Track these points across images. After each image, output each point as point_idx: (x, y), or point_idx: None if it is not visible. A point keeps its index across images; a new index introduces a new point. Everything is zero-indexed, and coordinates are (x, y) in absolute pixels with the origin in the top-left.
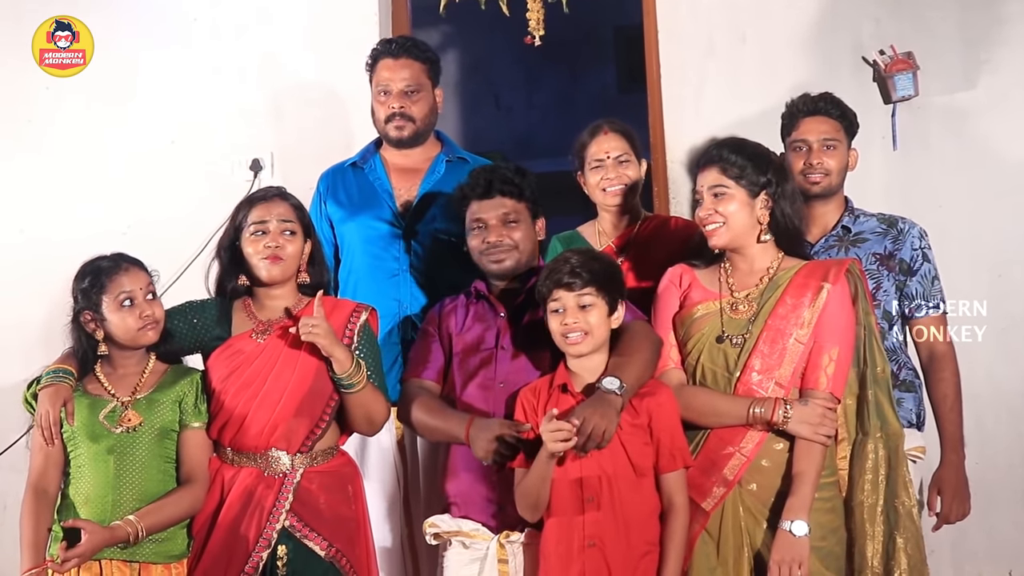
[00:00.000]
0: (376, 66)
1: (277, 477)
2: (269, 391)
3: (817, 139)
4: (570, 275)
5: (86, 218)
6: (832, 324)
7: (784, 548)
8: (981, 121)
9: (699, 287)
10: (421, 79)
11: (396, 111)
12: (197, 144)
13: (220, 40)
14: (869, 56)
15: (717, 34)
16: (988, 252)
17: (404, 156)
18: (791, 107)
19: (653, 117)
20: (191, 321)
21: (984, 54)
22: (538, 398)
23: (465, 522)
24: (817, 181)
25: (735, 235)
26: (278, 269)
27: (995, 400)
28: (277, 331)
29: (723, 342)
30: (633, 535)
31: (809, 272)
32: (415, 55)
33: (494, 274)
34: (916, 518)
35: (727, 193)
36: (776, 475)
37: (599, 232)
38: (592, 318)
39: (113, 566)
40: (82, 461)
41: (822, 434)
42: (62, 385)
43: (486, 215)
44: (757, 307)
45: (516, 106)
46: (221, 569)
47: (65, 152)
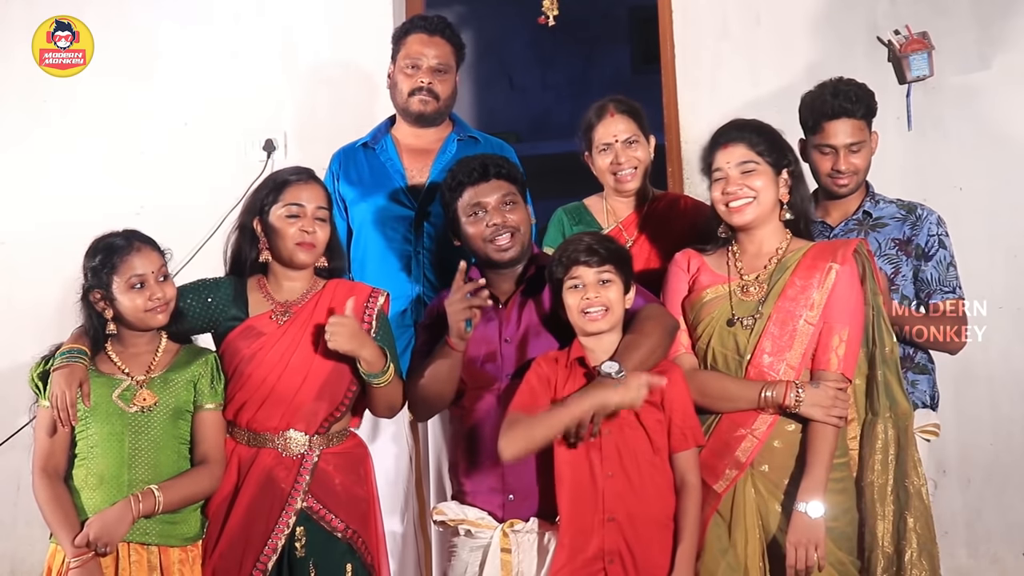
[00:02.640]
0: (406, 39)
1: (295, 458)
2: (291, 373)
3: (844, 143)
4: (587, 252)
5: (99, 199)
6: (841, 305)
7: (800, 530)
8: (996, 101)
9: (708, 271)
10: (450, 60)
11: (424, 85)
12: (211, 124)
13: (237, 21)
14: (884, 36)
15: (732, 15)
16: (1004, 232)
17: (416, 136)
18: (813, 106)
19: (668, 98)
20: (205, 300)
21: (999, 33)
22: (554, 369)
23: (471, 510)
24: (845, 183)
25: (762, 211)
26: (311, 256)
27: (1010, 381)
28: (298, 313)
29: (733, 325)
30: (651, 510)
31: (817, 253)
32: (448, 36)
33: (498, 263)
34: (926, 497)
35: (757, 169)
36: (789, 456)
37: (607, 210)
38: (611, 294)
39: (130, 548)
40: (94, 441)
41: (835, 416)
42: (77, 365)
43: (486, 198)
44: (767, 289)
45: (530, 86)
46: (239, 551)
47: (78, 133)
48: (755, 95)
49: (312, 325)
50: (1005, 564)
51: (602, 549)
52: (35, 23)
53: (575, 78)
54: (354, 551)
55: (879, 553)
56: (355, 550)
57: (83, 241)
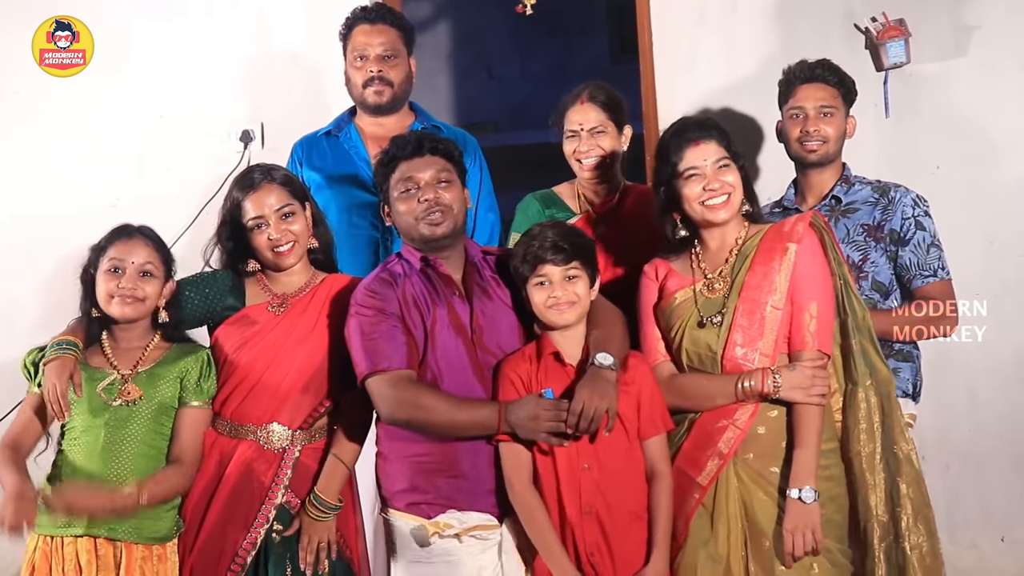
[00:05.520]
0: (352, 32)
1: (276, 452)
2: (280, 364)
3: (814, 106)
4: (554, 250)
5: (75, 191)
6: (806, 281)
7: (795, 516)
8: (973, 88)
9: (675, 275)
10: (397, 45)
11: (375, 75)
12: (187, 116)
13: (211, 12)
14: (861, 24)
15: (709, 3)
16: (980, 219)
17: (379, 125)
18: (788, 74)
19: (646, 86)
20: (203, 291)
21: (975, 20)
22: (528, 369)
23: (470, 515)
24: (814, 149)
25: (736, 206)
26: (292, 257)
27: (988, 367)
28: (294, 304)
29: (704, 326)
30: (626, 501)
31: (773, 236)
32: (391, 21)
33: (427, 240)
34: (916, 462)
35: (730, 164)
36: (773, 441)
37: (579, 196)
38: (578, 288)
39: (97, 543)
40: (76, 433)
41: (816, 396)
42: (67, 357)
43: (419, 174)
44: (730, 282)
45: (509, 76)
46: (218, 545)
47: (54, 126)
48: (732, 83)
49: (307, 318)
50: (983, 549)
51: (583, 542)
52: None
53: (554, 68)
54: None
55: (874, 523)
56: (336, 545)
57: (58, 233)
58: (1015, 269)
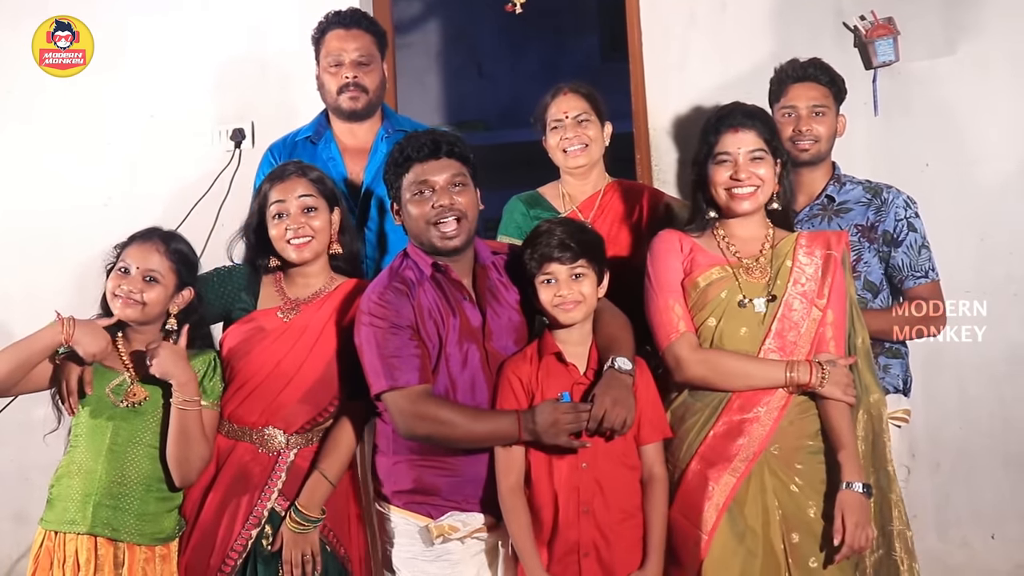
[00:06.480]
0: (325, 37)
1: (271, 455)
2: (279, 372)
3: (806, 106)
4: (560, 248)
5: (67, 189)
6: (833, 294)
7: (855, 509)
8: (962, 86)
9: (702, 252)
10: (372, 50)
11: (350, 81)
12: (178, 114)
13: (205, 10)
14: (850, 22)
15: (698, 2)
16: (972, 217)
17: (351, 134)
18: (780, 73)
19: (635, 85)
20: (218, 289)
21: (964, 19)
22: (528, 370)
23: (479, 516)
24: (806, 148)
25: (763, 200)
26: (307, 251)
27: (978, 365)
28: (303, 311)
29: (745, 306)
30: (622, 501)
31: (812, 240)
32: (366, 27)
33: (439, 251)
34: (897, 484)
35: (765, 157)
36: (796, 436)
37: (564, 195)
38: (585, 288)
39: (98, 543)
40: (81, 431)
41: (851, 394)
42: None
43: (433, 177)
44: (772, 273)
45: (499, 75)
46: (209, 545)
47: (46, 124)
48: (722, 82)
49: (314, 326)
50: (974, 547)
51: (578, 542)
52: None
53: (544, 66)
54: (325, 546)
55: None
56: (327, 544)
57: (50, 231)
58: (1006, 267)
